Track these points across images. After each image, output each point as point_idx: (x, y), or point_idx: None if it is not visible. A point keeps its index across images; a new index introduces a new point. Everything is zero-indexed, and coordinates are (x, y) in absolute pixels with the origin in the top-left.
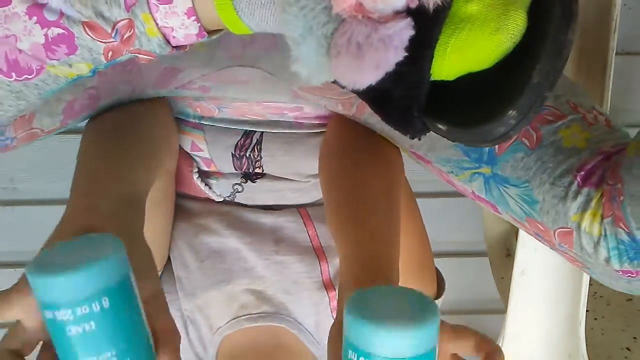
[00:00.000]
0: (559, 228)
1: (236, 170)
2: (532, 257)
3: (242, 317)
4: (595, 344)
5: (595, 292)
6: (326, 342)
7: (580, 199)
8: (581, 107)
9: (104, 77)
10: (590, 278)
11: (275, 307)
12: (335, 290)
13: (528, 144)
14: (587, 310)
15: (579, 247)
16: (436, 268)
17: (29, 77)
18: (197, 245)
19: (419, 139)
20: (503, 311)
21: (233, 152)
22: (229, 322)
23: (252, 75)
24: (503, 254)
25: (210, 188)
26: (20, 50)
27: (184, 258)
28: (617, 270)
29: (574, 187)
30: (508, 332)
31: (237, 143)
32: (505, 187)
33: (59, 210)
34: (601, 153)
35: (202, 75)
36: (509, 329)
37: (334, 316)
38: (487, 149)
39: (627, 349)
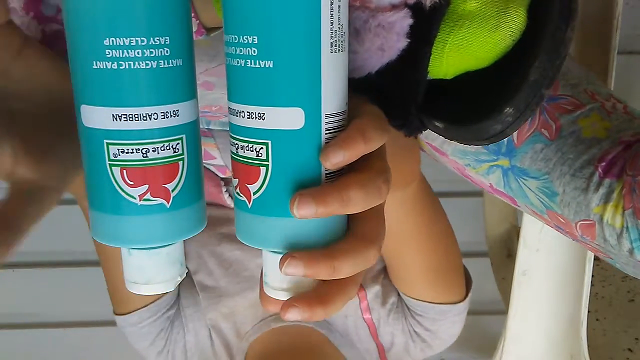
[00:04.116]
0: (580, 220)
1: None
2: (534, 257)
3: (269, 318)
4: (597, 344)
5: (597, 293)
6: (356, 343)
7: (602, 190)
8: (599, 95)
9: None
10: (591, 278)
11: None
12: (364, 290)
13: (547, 134)
14: (588, 311)
15: (602, 239)
16: (465, 268)
17: None
18: (220, 254)
19: (415, 137)
20: (504, 312)
21: None
22: (255, 324)
23: None
24: (504, 255)
25: (229, 195)
26: None
27: (208, 267)
28: None
29: (596, 178)
30: (509, 333)
31: None
32: (524, 179)
33: (59, 211)
34: (622, 142)
35: (206, 70)
36: (511, 329)
37: (365, 317)
38: (505, 140)
39: (629, 349)
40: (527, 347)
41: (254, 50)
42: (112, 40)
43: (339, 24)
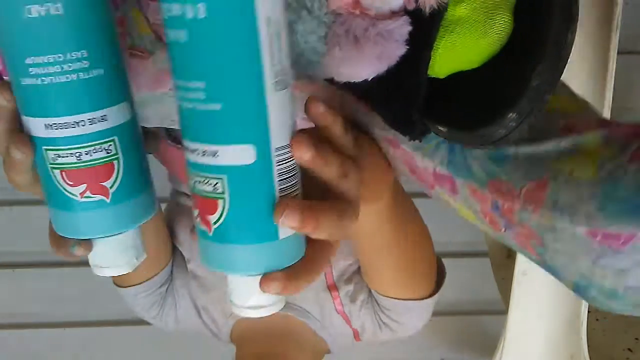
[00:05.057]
0: (528, 182)
1: None
2: None
3: None
4: (597, 344)
5: None
6: (333, 329)
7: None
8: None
9: None
10: None
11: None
12: (337, 291)
13: None
14: (588, 311)
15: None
16: (438, 259)
17: None
18: None
19: (420, 141)
20: (504, 312)
21: None
22: None
23: None
24: (504, 255)
25: None
26: None
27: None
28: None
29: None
30: (509, 333)
31: None
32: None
33: None
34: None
35: None
36: (510, 330)
37: (338, 309)
38: None
39: (629, 349)
40: (527, 346)
41: (202, 95)
42: (33, 59)
43: (281, 63)
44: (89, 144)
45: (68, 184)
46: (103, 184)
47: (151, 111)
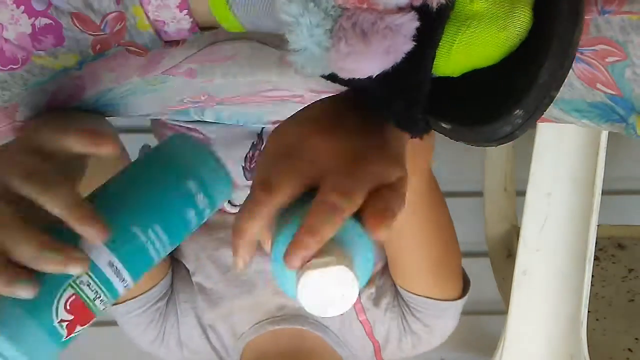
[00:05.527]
0: None
1: (248, 181)
2: (534, 257)
3: (265, 321)
4: (597, 344)
5: (597, 293)
6: (352, 343)
7: None
8: None
9: (89, 67)
10: (591, 279)
11: (298, 310)
12: (359, 293)
13: None
14: (588, 311)
15: None
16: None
17: (15, 67)
18: (219, 258)
19: (421, 139)
20: (504, 312)
21: (243, 165)
22: (252, 326)
23: (238, 48)
24: (504, 255)
25: (228, 201)
26: (5, 40)
27: (207, 270)
28: None
29: None
30: (509, 333)
31: (247, 155)
32: None
33: None
34: None
35: (187, 58)
36: (510, 330)
37: (360, 319)
38: None
39: (629, 349)
40: (527, 347)
41: None
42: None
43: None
44: (107, 298)
45: (66, 309)
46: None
47: (145, 100)
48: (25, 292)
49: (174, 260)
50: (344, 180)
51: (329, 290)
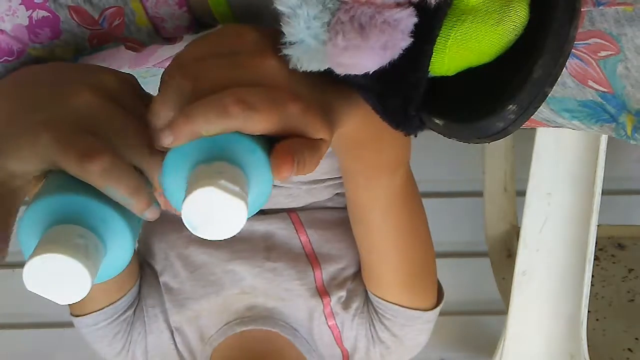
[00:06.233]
0: None
1: None
2: (534, 257)
3: (234, 322)
4: (597, 344)
5: (597, 293)
6: (321, 349)
7: None
8: None
9: (83, 59)
10: (591, 279)
11: (268, 310)
12: (329, 296)
13: None
14: (588, 311)
15: None
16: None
17: (9, 59)
18: (187, 257)
19: (415, 136)
20: (504, 312)
21: None
22: (220, 328)
23: None
24: (504, 255)
25: None
26: (1, 31)
27: (174, 269)
28: None
29: None
30: (509, 333)
31: None
32: None
33: None
34: None
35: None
36: (510, 329)
37: (329, 324)
38: None
39: (629, 349)
40: (527, 346)
41: None
42: None
43: None
44: None
45: None
46: None
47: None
48: (152, 214)
49: (141, 267)
50: (255, 97)
51: (214, 212)
